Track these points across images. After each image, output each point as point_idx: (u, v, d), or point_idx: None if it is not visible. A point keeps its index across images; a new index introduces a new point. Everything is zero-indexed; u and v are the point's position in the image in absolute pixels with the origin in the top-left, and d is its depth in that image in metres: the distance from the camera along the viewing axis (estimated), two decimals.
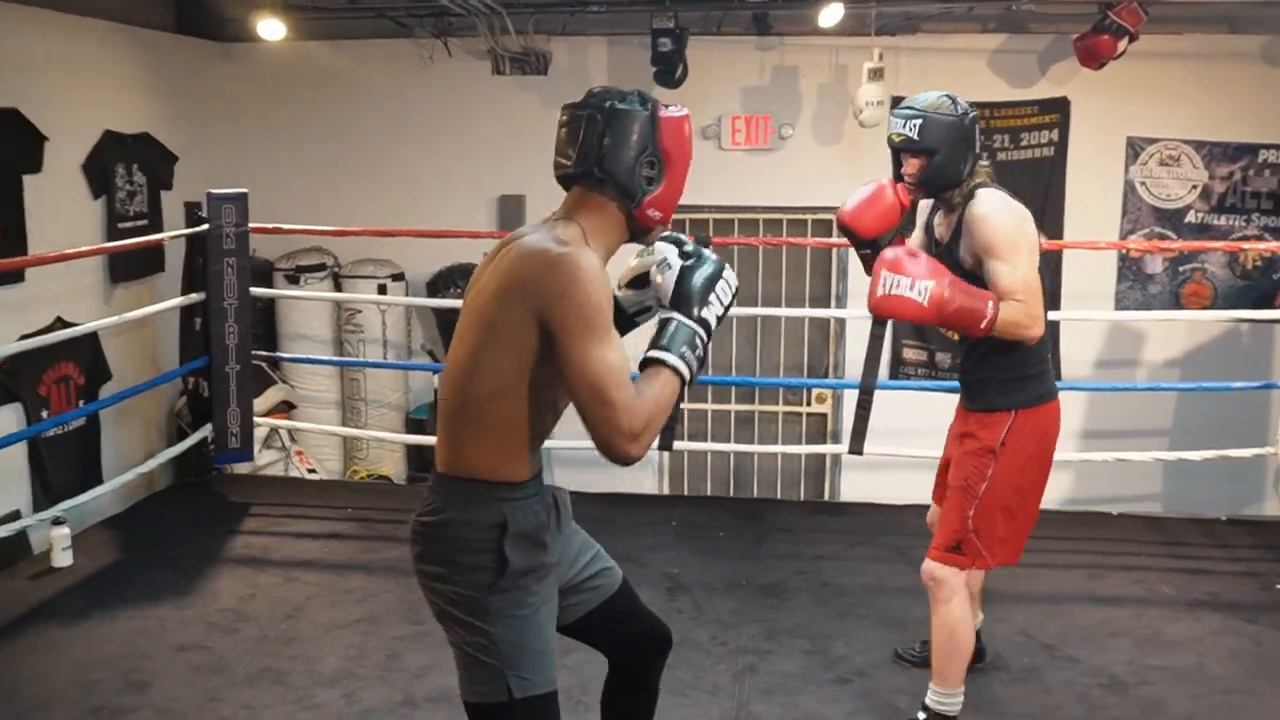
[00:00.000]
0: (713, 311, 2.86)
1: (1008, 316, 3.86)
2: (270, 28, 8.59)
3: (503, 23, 8.64)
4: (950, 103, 4.13)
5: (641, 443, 2.67)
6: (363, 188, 9.56)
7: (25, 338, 6.71)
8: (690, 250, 2.92)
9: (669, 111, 2.90)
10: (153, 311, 7.30)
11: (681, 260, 2.89)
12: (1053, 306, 8.76)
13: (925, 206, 4.43)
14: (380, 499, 7.65)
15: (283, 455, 8.82)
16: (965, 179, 4.11)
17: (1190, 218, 9.03)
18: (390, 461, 9.59)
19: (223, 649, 5.09)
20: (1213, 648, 5.20)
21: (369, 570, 6.10)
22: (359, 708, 4.58)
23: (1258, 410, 8.25)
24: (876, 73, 8.42)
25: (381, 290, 9.30)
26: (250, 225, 7.21)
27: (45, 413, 7.28)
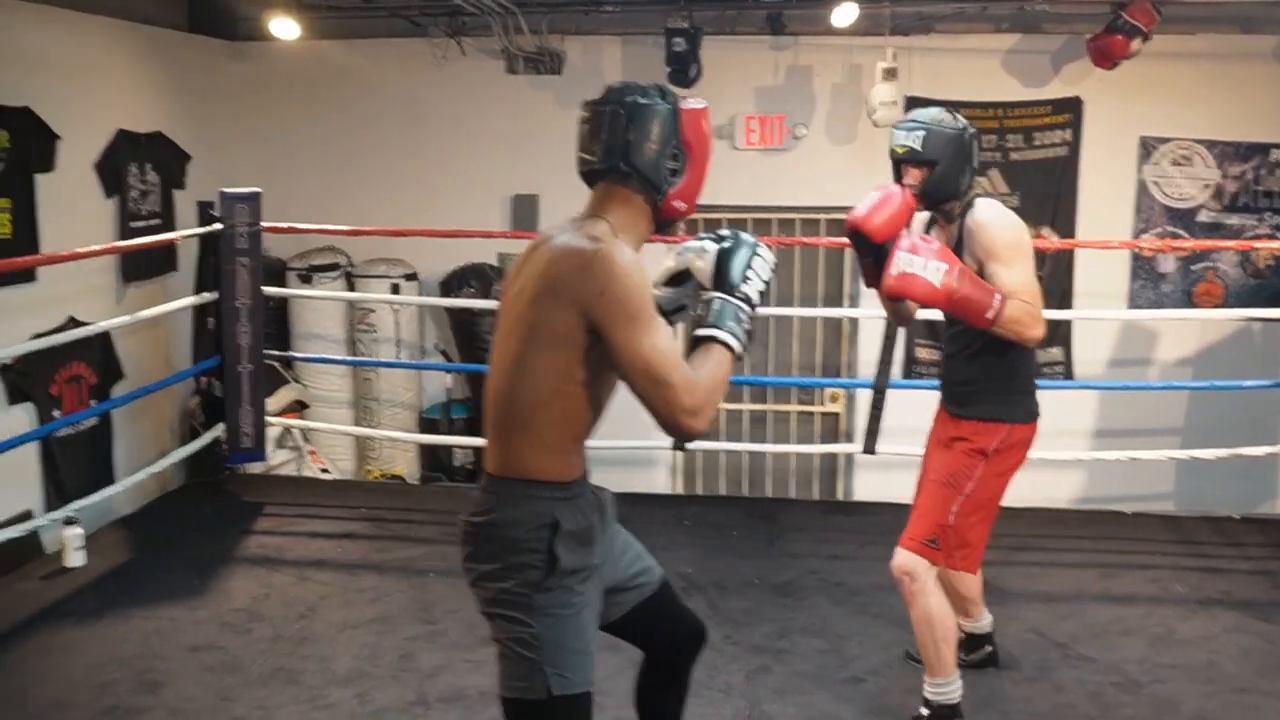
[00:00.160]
0: (754, 287, 2.92)
1: (1012, 314, 3.91)
2: (283, 26, 8.62)
3: (517, 22, 8.66)
4: (951, 117, 4.22)
5: (704, 417, 2.74)
6: (376, 187, 9.58)
7: (37, 337, 6.71)
8: (725, 234, 2.99)
9: (689, 104, 2.95)
10: (165, 311, 7.32)
11: (717, 244, 2.96)
12: (1065, 305, 8.93)
13: (919, 222, 4.45)
14: (393, 499, 7.65)
15: (296, 455, 8.83)
16: (964, 191, 4.20)
17: (1202, 217, 9.02)
18: (403, 461, 9.60)
19: (236, 649, 5.09)
20: (1225, 646, 5.19)
21: (382, 570, 6.10)
22: (372, 707, 4.58)
23: (1270, 409, 8.26)
24: (890, 73, 8.42)
25: (394, 290, 9.31)
26: (263, 224, 7.21)
27: (57, 412, 7.30)
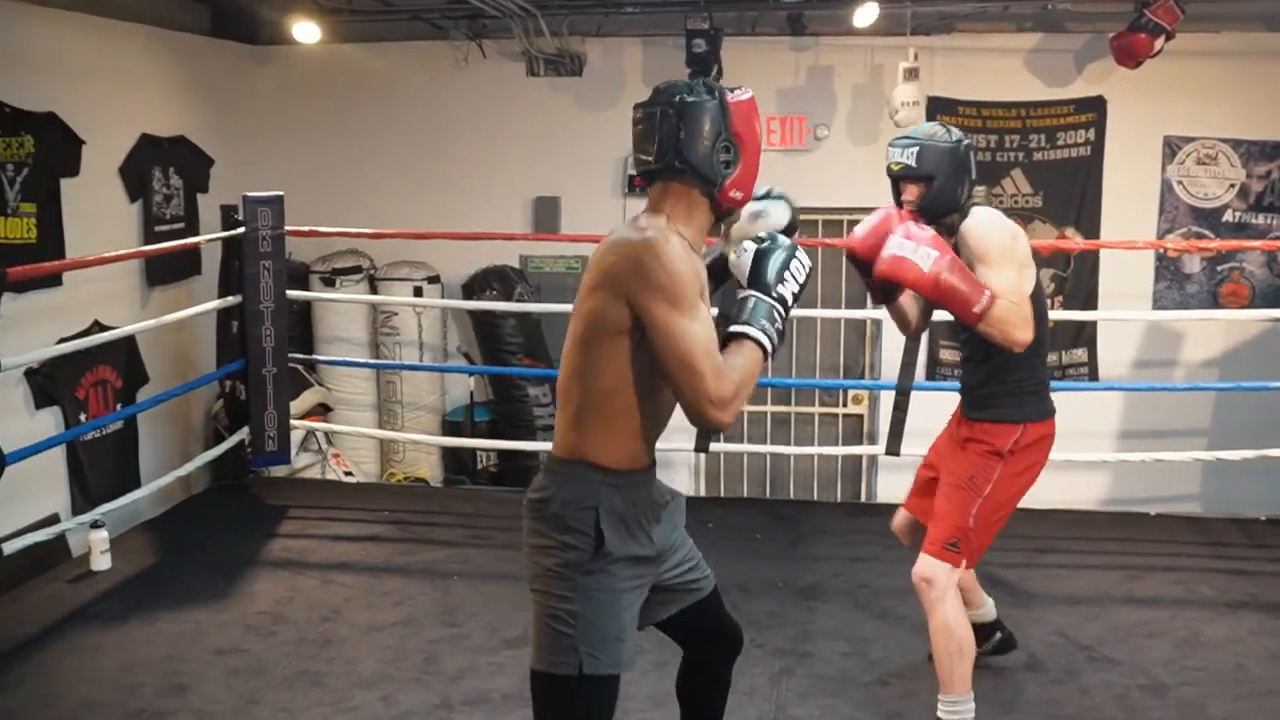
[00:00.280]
0: (788, 288, 3.00)
1: (1000, 313, 3.92)
2: (305, 30, 8.65)
3: (537, 24, 8.66)
4: (945, 131, 4.26)
5: (730, 409, 2.81)
6: (398, 190, 9.60)
7: (63, 341, 6.75)
8: (764, 235, 3.07)
9: (736, 96, 3.03)
10: (189, 315, 7.34)
11: (756, 244, 3.04)
12: (1090, 306, 8.89)
13: None
14: (417, 501, 7.67)
15: (319, 458, 8.84)
16: (962, 203, 4.22)
17: (1228, 216, 8.98)
18: (427, 464, 9.61)
19: (261, 651, 5.10)
20: (1253, 649, 5.16)
21: (406, 573, 6.11)
22: (396, 710, 4.59)
23: None
24: (912, 73, 8.40)
25: (417, 293, 9.31)
26: (286, 228, 7.22)
27: (83, 416, 7.33)
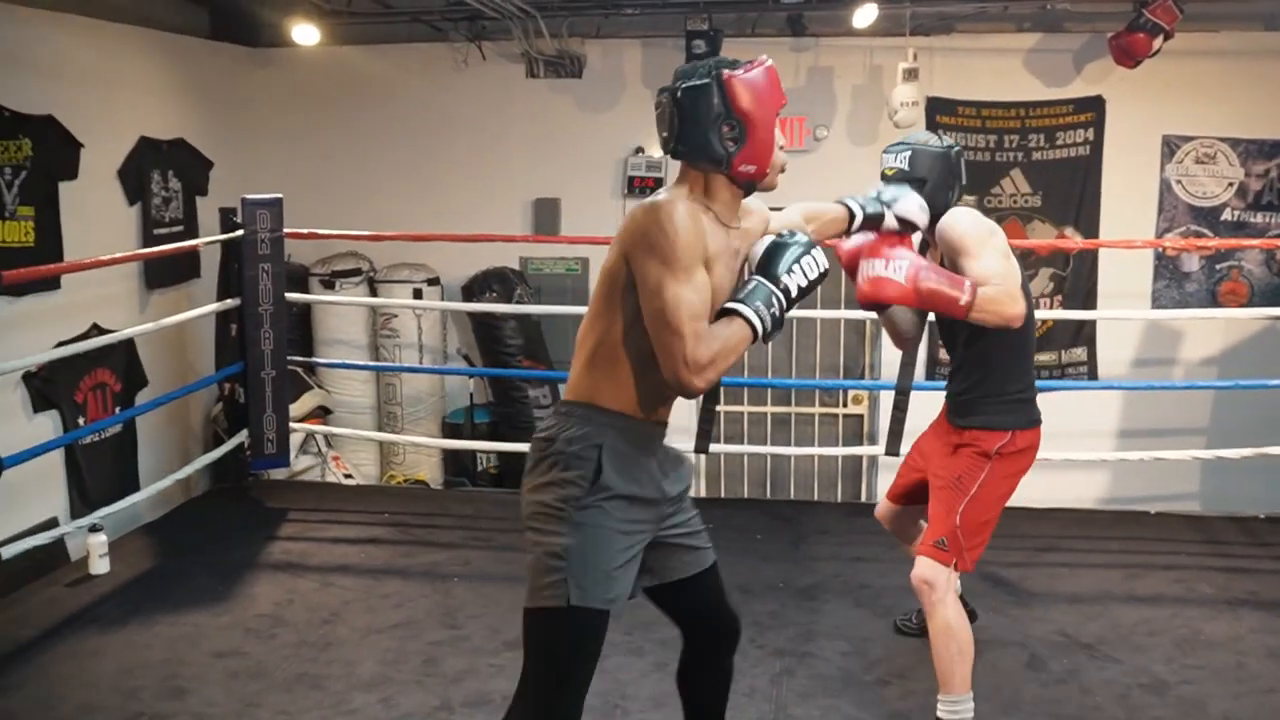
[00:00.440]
0: (795, 281, 3.10)
1: (986, 295, 3.92)
2: (304, 33, 8.65)
3: (537, 26, 8.66)
4: (937, 138, 4.36)
5: (705, 376, 2.90)
6: (398, 192, 9.60)
7: (62, 345, 6.75)
8: (784, 232, 3.19)
9: (740, 73, 3.04)
10: (188, 317, 7.33)
11: (775, 236, 3.16)
12: (1089, 305, 8.89)
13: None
14: (417, 504, 7.66)
15: (319, 460, 8.84)
16: (951, 208, 4.28)
17: (1226, 215, 8.99)
18: (427, 466, 9.61)
19: (260, 654, 5.09)
20: (1253, 646, 5.15)
21: (406, 575, 6.10)
22: (396, 713, 4.57)
23: None
24: (911, 73, 8.41)
25: (417, 295, 9.32)
26: (285, 230, 7.21)
27: (82, 420, 7.33)
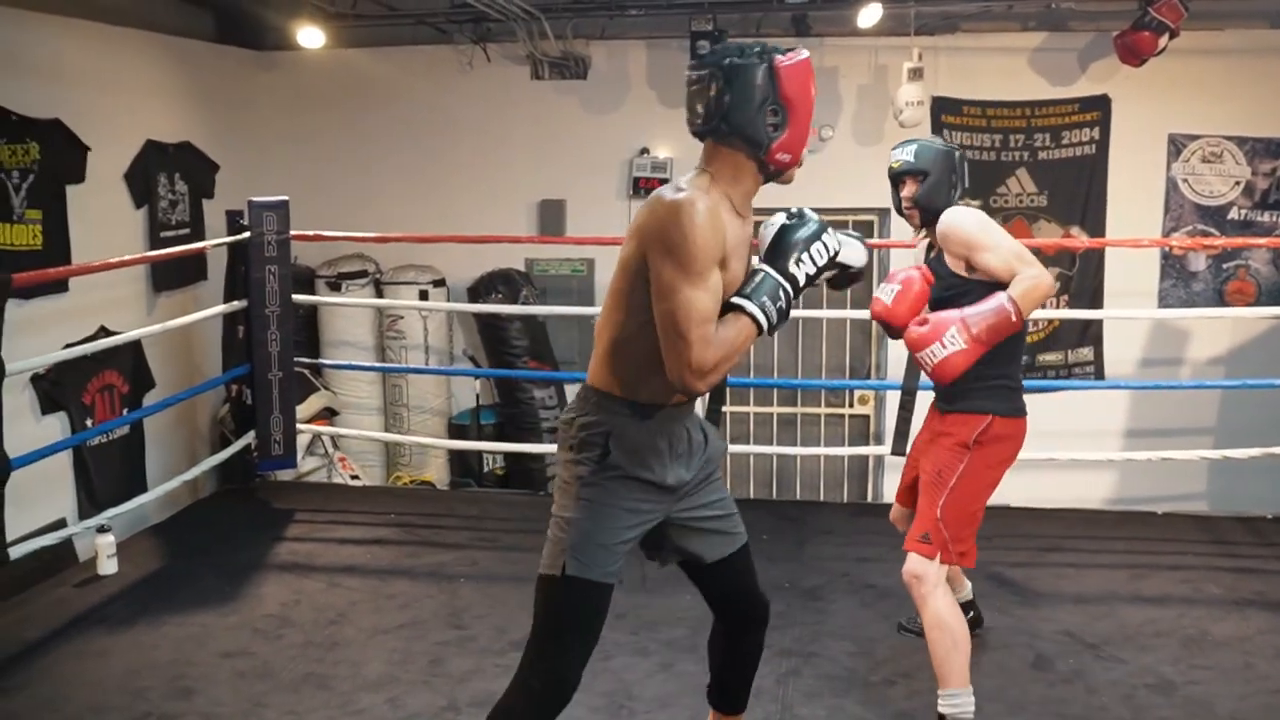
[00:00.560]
0: (804, 269, 3.15)
1: (1022, 290, 4.04)
2: (310, 36, 8.66)
3: (541, 27, 8.67)
4: (942, 140, 4.69)
5: (707, 379, 2.99)
6: (403, 194, 9.61)
7: (69, 347, 6.74)
8: (795, 211, 3.21)
9: (786, 60, 3.07)
10: (195, 320, 7.32)
11: (785, 219, 3.16)
12: (1095, 305, 8.89)
13: (922, 251, 4.71)
14: (423, 504, 7.66)
15: (325, 462, 8.84)
16: (952, 205, 4.44)
17: (1233, 214, 8.98)
18: (433, 467, 9.62)
19: (267, 655, 5.10)
20: (1260, 647, 5.14)
21: (412, 575, 6.11)
22: (403, 713, 4.58)
23: None
24: (916, 73, 8.41)
25: (423, 296, 9.32)
26: (292, 232, 7.21)
27: (90, 421, 7.35)
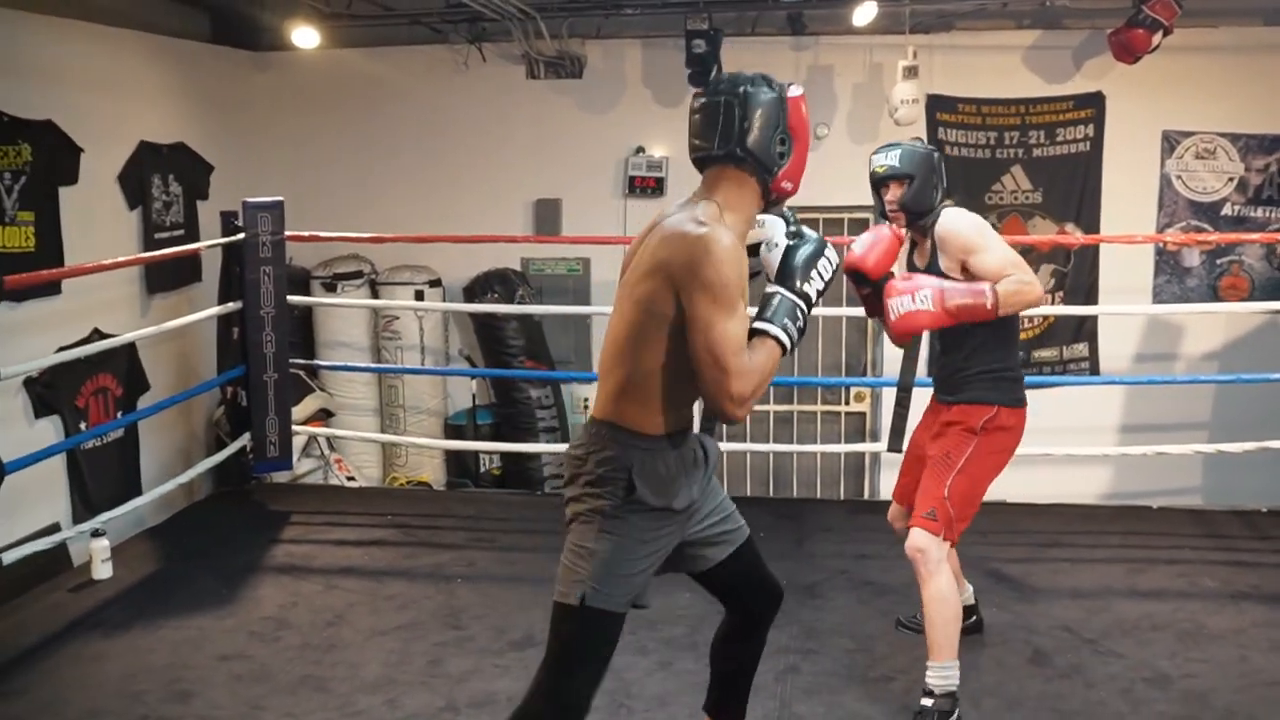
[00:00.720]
0: (814, 286, 3.20)
1: (1008, 289, 4.22)
2: (305, 36, 8.65)
3: (537, 27, 8.66)
4: (921, 143, 4.73)
5: (746, 406, 3.03)
6: (399, 194, 9.61)
7: (63, 350, 6.73)
8: (795, 230, 3.25)
9: (793, 92, 3.21)
10: (190, 321, 7.33)
11: (787, 240, 3.22)
12: (1090, 301, 8.89)
13: (903, 253, 4.78)
14: (420, 505, 7.67)
15: (321, 463, 8.84)
16: (936, 205, 4.55)
17: (1227, 210, 8.99)
18: (429, 468, 9.61)
19: (265, 657, 5.09)
20: (1256, 640, 5.16)
21: (410, 576, 6.11)
22: (401, 714, 4.58)
23: None
24: (911, 71, 8.41)
25: (419, 296, 9.31)
26: (286, 233, 7.21)
27: (84, 424, 7.33)
